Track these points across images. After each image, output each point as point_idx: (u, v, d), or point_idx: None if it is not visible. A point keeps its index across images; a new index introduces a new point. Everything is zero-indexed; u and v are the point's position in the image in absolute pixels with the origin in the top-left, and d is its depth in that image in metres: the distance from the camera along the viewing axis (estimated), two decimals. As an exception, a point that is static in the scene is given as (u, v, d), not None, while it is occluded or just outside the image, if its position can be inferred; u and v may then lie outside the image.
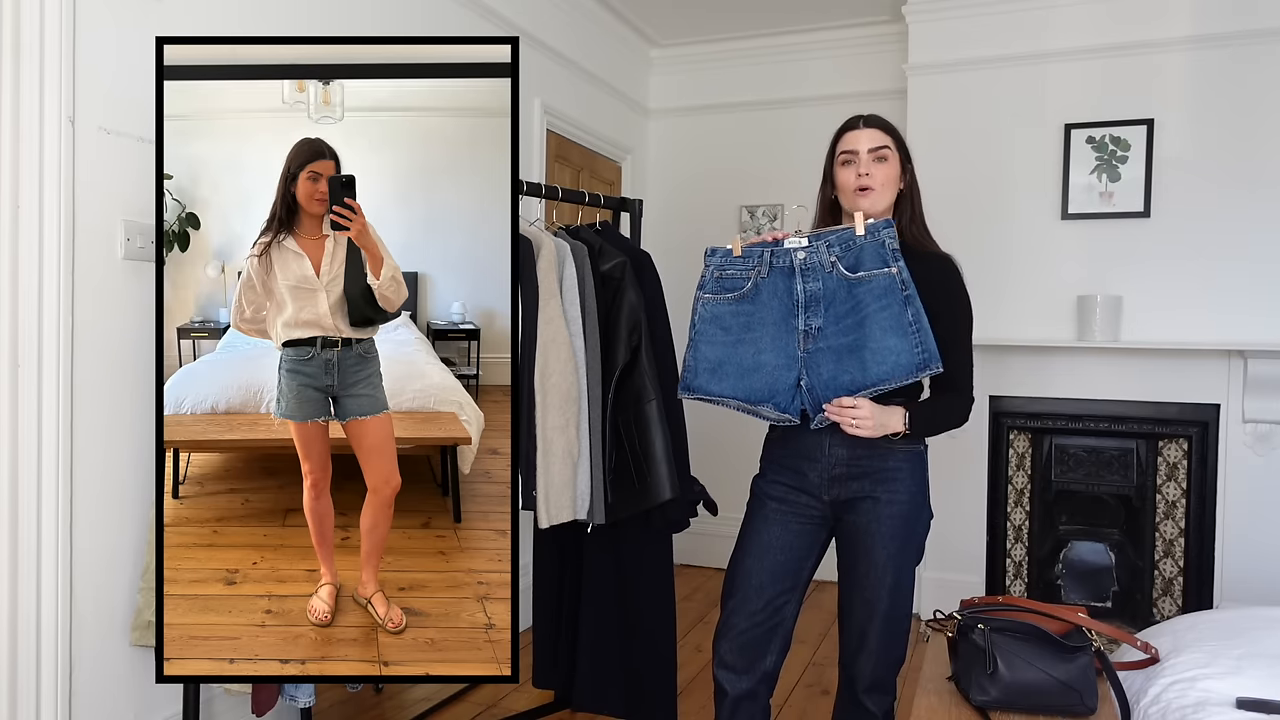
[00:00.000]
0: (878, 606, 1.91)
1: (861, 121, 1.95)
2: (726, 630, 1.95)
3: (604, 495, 2.46)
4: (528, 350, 2.28)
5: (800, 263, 1.84)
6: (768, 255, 1.86)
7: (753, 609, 1.94)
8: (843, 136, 1.96)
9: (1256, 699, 1.66)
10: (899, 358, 1.80)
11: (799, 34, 4.55)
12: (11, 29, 1.94)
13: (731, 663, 1.95)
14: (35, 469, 1.98)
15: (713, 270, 1.92)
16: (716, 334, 1.89)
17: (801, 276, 1.84)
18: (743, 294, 1.87)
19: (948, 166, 3.95)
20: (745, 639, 1.94)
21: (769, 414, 1.87)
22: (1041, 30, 3.84)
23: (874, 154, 1.92)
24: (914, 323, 1.80)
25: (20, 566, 1.98)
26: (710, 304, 1.90)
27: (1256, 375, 3.50)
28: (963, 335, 1.94)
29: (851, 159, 1.93)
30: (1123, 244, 3.74)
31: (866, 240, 1.81)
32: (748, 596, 1.94)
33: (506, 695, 3.07)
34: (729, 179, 4.77)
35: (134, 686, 2.22)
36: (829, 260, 1.83)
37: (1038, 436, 3.91)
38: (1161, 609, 3.75)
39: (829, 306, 1.83)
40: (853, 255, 1.82)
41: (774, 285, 1.85)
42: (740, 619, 1.94)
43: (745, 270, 1.88)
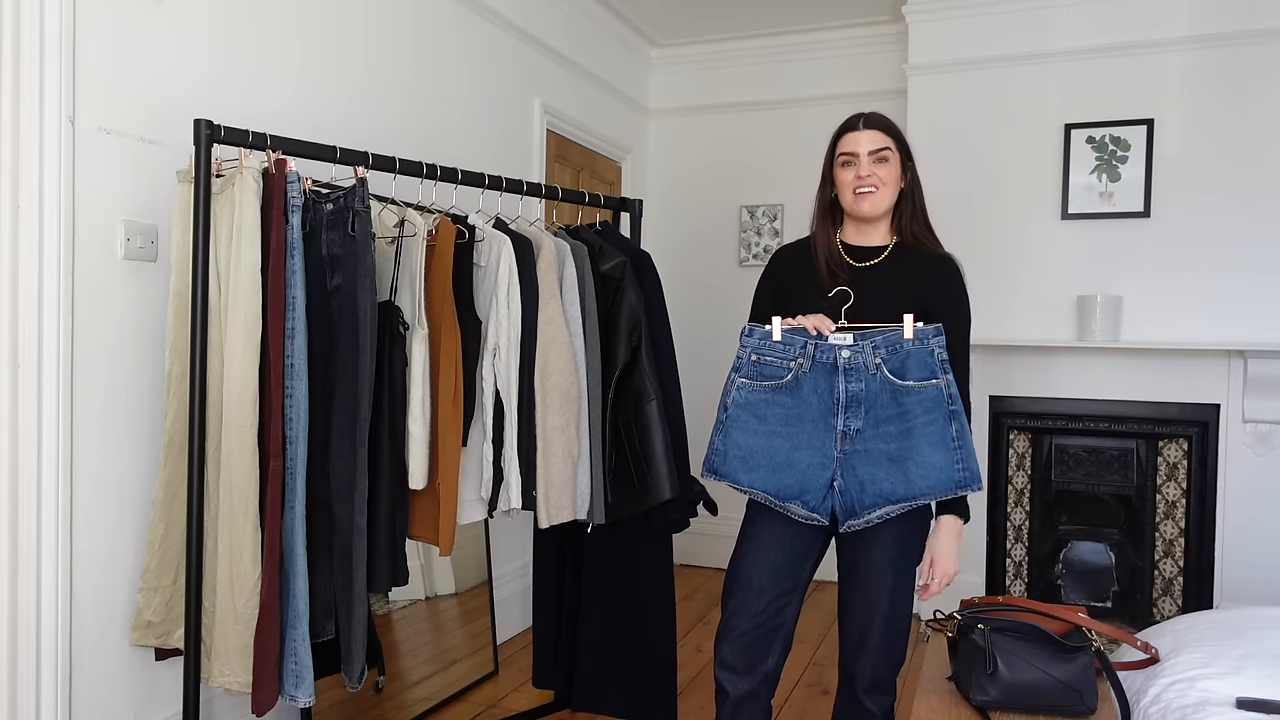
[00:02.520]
0: (878, 607, 1.91)
1: (861, 122, 1.92)
2: (728, 631, 1.95)
3: (604, 495, 2.46)
4: (528, 350, 2.29)
5: (845, 361, 1.79)
6: (810, 348, 1.80)
7: (754, 610, 1.93)
8: (843, 137, 1.92)
9: (1256, 699, 1.66)
10: (942, 473, 1.79)
11: (799, 34, 4.56)
12: (11, 29, 1.94)
13: (733, 664, 1.94)
14: (35, 469, 1.98)
15: (750, 353, 1.87)
16: (750, 422, 1.85)
17: (844, 375, 1.79)
18: (781, 384, 1.83)
19: (948, 167, 3.95)
20: (746, 640, 1.93)
21: (796, 511, 1.84)
22: (1042, 30, 3.84)
23: (874, 156, 1.88)
24: (958, 438, 1.78)
25: (20, 566, 1.98)
26: (746, 389, 1.86)
27: (1256, 375, 3.50)
28: (963, 337, 1.92)
29: (851, 160, 1.90)
30: (1123, 244, 3.74)
31: (914, 345, 1.78)
32: (748, 598, 1.93)
33: (507, 695, 3.07)
34: (729, 179, 4.77)
35: (134, 686, 2.22)
36: (874, 362, 1.79)
37: (1038, 436, 3.91)
38: (1161, 609, 3.75)
39: (869, 410, 1.79)
40: (898, 359, 1.78)
41: (815, 381, 1.81)
42: (741, 620, 1.94)
43: (785, 359, 1.83)
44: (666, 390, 2.50)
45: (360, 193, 2.05)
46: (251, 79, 2.45)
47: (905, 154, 1.93)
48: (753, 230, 4.72)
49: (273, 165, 2.02)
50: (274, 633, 1.97)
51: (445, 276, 2.19)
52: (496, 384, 2.25)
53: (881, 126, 1.91)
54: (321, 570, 2.07)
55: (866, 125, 1.90)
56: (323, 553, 2.07)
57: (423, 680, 2.90)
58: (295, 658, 2.00)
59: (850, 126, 1.92)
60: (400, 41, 3.03)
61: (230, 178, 2.00)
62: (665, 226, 4.85)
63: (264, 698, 1.98)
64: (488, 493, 2.25)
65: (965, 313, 1.93)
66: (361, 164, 2.17)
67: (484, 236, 2.31)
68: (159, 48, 2.21)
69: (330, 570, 2.07)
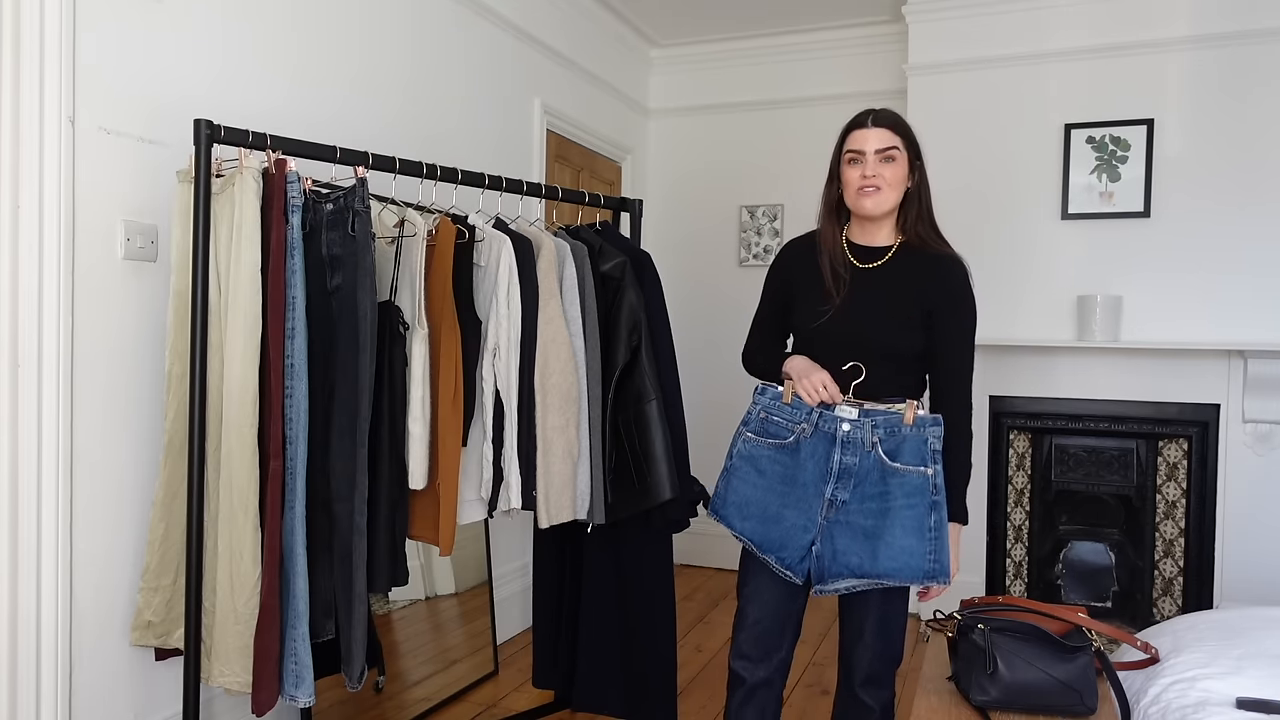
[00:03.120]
0: (873, 603, 1.94)
1: (870, 119, 1.89)
2: (742, 622, 2.00)
3: (604, 495, 2.46)
4: (528, 350, 2.28)
5: (844, 434, 1.84)
6: (815, 415, 1.86)
7: (765, 599, 1.97)
8: (851, 134, 1.91)
9: (1256, 699, 1.66)
10: (910, 559, 1.82)
11: (799, 34, 4.55)
12: (11, 29, 1.94)
13: (748, 652, 1.98)
14: (35, 469, 1.98)
15: (759, 410, 1.94)
16: (750, 474, 1.92)
17: (841, 447, 1.84)
18: (783, 445, 1.89)
19: (948, 167, 3.95)
20: (760, 629, 1.98)
21: (773, 565, 1.90)
22: (1041, 30, 3.84)
23: (881, 154, 1.86)
24: (934, 530, 1.82)
25: (20, 566, 1.98)
26: (751, 443, 1.93)
27: (1256, 375, 3.50)
28: (966, 339, 1.92)
29: (858, 158, 1.88)
30: (1123, 244, 3.74)
31: (911, 431, 1.82)
32: (760, 589, 1.97)
33: (507, 695, 3.07)
34: (729, 179, 4.77)
35: (134, 686, 2.22)
36: (871, 440, 1.83)
37: (1038, 436, 3.91)
38: (1161, 609, 3.75)
39: (858, 484, 1.84)
40: (895, 441, 1.82)
41: (814, 447, 1.86)
42: (754, 609, 1.98)
43: (791, 422, 1.89)
44: (666, 390, 2.50)
45: (360, 193, 2.05)
46: (251, 79, 2.45)
47: (914, 153, 1.91)
48: (753, 230, 4.72)
49: (273, 165, 2.02)
50: (274, 633, 1.97)
51: (445, 276, 2.19)
52: (496, 384, 2.25)
53: (891, 125, 1.89)
54: (321, 570, 2.07)
55: (875, 123, 1.88)
56: (323, 553, 2.07)
57: (423, 680, 2.90)
58: (295, 658, 2.00)
59: (859, 123, 1.90)
60: (400, 41, 3.03)
61: (230, 178, 2.00)
62: (665, 226, 4.85)
63: (264, 698, 1.98)
64: (488, 493, 2.25)
65: (969, 314, 1.92)
66: (361, 164, 2.17)
67: (484, 236, 2.31)
68: (159, 48, 2.21)
69: (330, 570, 2.07)
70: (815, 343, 1.94)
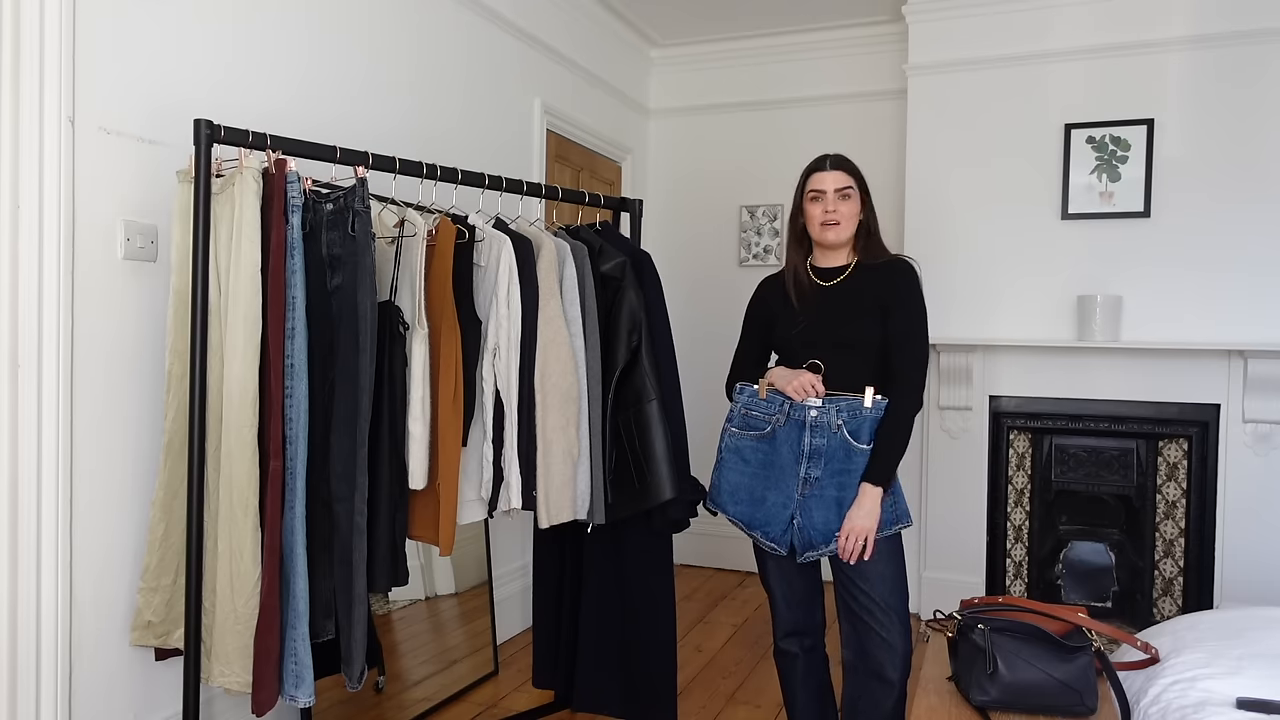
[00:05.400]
0: (866, 565, 2.13)
1: (828, 163, 2.19)
2: (775, 605, 2.27)
3: (604, 495, 2.46)
4: (528, 350, 2.29)
5: (811, 420, 2.09)
6: (788, 406, 2.13)
7: (783, 577, 2.23)
8: (811, 176, 2.20)
9: (1256, 699, 1.66)
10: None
11: (799, 34, 4.55)
12: (11, 29, 1.94)
13: (791, 627, 2.26)
14: (35, 469, 1.98)
15: (740, 408, 2.22)
16: (737, 463, 2.20)
17: (810, 431, 2.10)
18: (762, 435, 2.17)
19: (948, 167, 3.95)
20: (791, 603, 2.25)
21: (760, 540, 2.17)
22: (1041, 30, 3.84)
23: (839, 193, 2.16)
24: (892, 490, 2.11)
25: (20, 566, 1.98)
26: (736, 437, 2.21)
27: (1256, 375, 3.50)
28: (914, 330, 2.14)
29: (819, 196, 2.18)
30: (1123, 244, 3.74)
31: (870, 413, 2.07)
32: (776, 571, 2.22)
33: (507, 695, 3.07)
34: (729, 179, 4.77)
35: (134, 686, 2.22)
36: (836, 423, 2.09)
37: (1038, 436, 3.91)
38: (1161, 609, 3.75)
39: (828, 461, 2.09)
40: (856, 423, 2.08)
41: (788, 434, 2.13)
42: (780, 589, 2.24)
43: (768, 415, 2.16)
44: (666, 390, 2.50)
45: (360, 193, 2.05)
46: (252, 79, 2.45)
47: (864, 191, 2.22)
48: (753, 230, 4.72)
49: (273, 165, 2.02)
50: (274, 633, 1.97)
51: (445, 276, 2.19)
52: (496, 384, 2.25)
53: (844, 168, 2.20)
54: (321, 570, 2.07)
55: (833, 166, 2.19)
56: (323, 553, 2.07)
57: (423, 680, 2.90)
58: (295, 658, 2.00)
59: (818, 167, 2.21)
60: (400, 41, 3.03)
61: (230, 178, 2.00)
62: (665, 227, 4.85)
63: (264, 698, 1.98)
64: (488, 493, 2.26)
65: (918, 305, 2.17)
66: (361, 164, 2.17)
67: (484, 236, 2.31)
68: (159, 47, 2.21)
69: (330, 570, 2.07)
70: (794, 347, 2.19)
